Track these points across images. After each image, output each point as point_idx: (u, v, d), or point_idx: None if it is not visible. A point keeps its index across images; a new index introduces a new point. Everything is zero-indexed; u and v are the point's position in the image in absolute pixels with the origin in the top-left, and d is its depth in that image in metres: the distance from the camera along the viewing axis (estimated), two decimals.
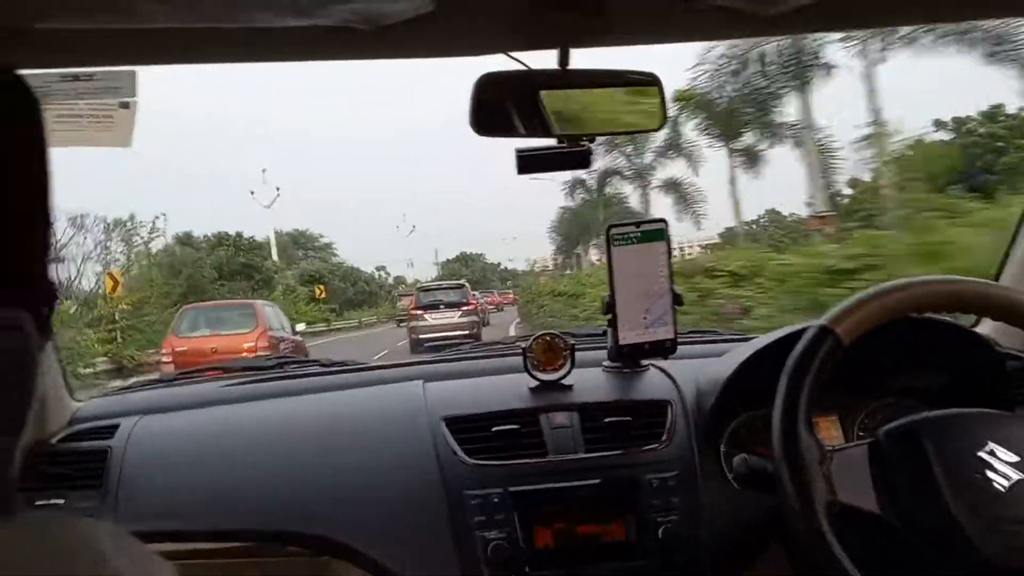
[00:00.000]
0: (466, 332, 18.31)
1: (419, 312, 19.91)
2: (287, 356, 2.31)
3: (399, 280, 57.19)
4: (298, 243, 50.55)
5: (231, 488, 1.41)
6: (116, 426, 1.51)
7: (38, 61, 1.22)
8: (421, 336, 18.52)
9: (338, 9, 1.03)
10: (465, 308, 19.92)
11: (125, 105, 1.33)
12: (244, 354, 10.57)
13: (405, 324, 27.63)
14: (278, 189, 40.01)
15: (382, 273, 58.68)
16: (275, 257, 38.52)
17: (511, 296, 51.06)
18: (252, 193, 39.75)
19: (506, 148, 1.31)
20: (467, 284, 23.05)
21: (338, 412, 1.56)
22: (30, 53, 1.17)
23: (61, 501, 1.40)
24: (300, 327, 17.88)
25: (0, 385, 0.37)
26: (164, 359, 13.19)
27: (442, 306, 19.86)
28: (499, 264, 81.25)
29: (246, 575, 1.48)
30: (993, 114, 27.93)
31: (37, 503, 1.40)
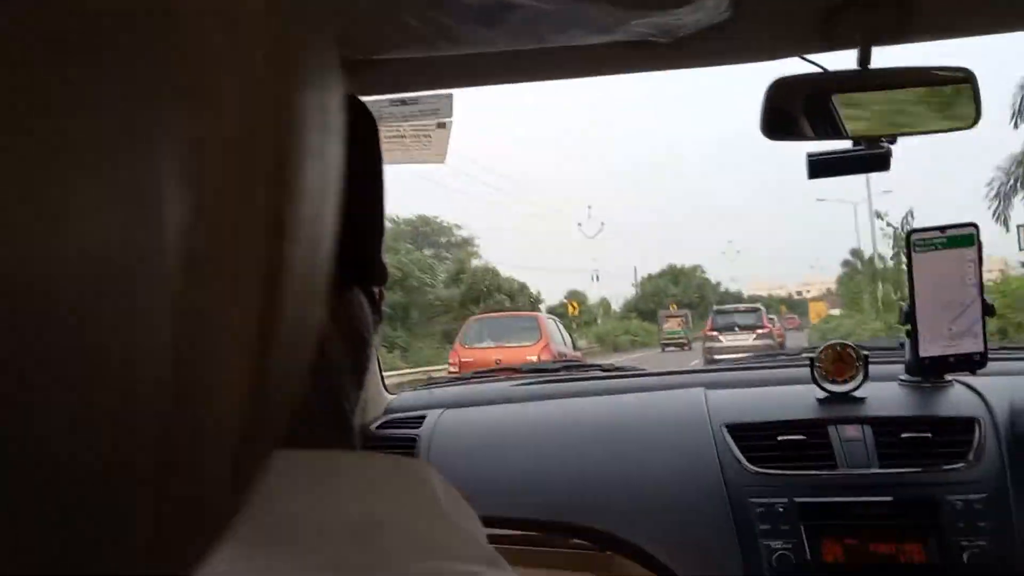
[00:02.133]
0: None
1: (714, 334, 20.68)
2: (571, 360, 2.41)
3: (573, 294, 41.56)
4: (421, 233, 35.65)
5: (522, 479, 1.49)
6: (423, 417, 1.66)
7: (374, 88, 1.40)
8: (716, 357, 18.52)
9: (638, 24, 1.09)
10: (760, 331, 20.42)
11: (442, 125, 1.48)
12: None
13: (672, 349, 27.93)
14: None
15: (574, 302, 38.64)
16: None
17: (796, 321, 49.05)
18: None
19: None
20: (763, 308, 23.30)
21: (620, 414, 1.60)
22: (368, 82, 1.35)
23: None
24: (582, 343, 18.18)
25: (343, 357, 0.43)
26: (451, 368, 13.86)
27: (737, 328, 20.58)
28: (719, 284, 63.13)
29: (532, 563, 1.57)
30: None
31: None
